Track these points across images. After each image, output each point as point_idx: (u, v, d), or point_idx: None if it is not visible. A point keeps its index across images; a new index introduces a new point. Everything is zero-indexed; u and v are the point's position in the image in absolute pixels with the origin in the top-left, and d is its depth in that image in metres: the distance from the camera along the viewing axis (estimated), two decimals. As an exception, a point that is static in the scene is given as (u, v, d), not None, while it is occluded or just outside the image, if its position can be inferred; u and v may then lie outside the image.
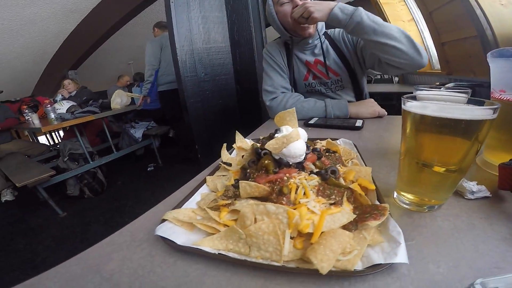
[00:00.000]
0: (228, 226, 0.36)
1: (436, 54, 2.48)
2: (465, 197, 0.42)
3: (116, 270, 0.34)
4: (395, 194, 0.43)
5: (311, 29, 1.05)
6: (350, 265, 0.27)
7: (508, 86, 0.48)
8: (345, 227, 0.32)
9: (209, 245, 0.34)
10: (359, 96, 1.22)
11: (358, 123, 0.89)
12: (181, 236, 0.36)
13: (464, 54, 2.06)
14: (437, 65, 2.54)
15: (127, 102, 3.20)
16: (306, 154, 0.44)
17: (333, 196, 0.36)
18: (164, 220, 0.39)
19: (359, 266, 0.28)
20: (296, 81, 1.22)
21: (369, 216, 0.32)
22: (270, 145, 0.41)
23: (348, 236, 0.30)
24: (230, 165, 0.56)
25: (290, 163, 0.42)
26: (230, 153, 0.65)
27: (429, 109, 0.34)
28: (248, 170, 0.44)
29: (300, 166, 0.42)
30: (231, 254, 0.32)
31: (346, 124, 0.89)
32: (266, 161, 0.42)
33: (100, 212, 2.56)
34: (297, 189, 0.36)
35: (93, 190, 2.88)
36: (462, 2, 1.71)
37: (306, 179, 0.39)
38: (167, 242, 0.35)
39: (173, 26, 1.66)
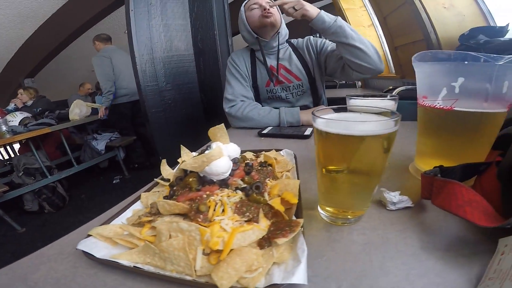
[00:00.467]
0: (149, 241, 0.36)
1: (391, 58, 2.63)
2: (387, 208, 0.42)
3: (41, 279, 0.35)
4: (318, 207, 0.45)
5: (273, 18, 1.11)
6: (252, 283, 0.28)
7: (430, 92, 0.48)
8: (259, 243, 0.34)
9: (126, 259, 0.34)
10: (317, 101, 1.32)
11: (308, 131, 0.92)
12: (102, 250, 0.37)
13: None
14: (393, 69, 2.70)
15: (87, 112, 3.03)
16: (233, 170, 0.46)
17: (247, 214, 0.37)
18: (88, 235, 0.40)
19: (261, 284, 0.29)
20: (258, 87, 1.27)
21: (280, 232, 0.33)
22: (187, 165, 0.42)
23: (255, 254, 0.31)
24: (168, 180, 0.56)
25: (214, 180, 0.43)
26: (174, 168, 0.65)
27: (332, 126, 0.36)
28: (174, 188, 0.45)
29: (224, 183, 0.43)
30: (147, 268, 0.33)
31: (296, 133, 0.92)
32: (190, 179, 0.43)
33: (63, 227, 2.40)
34: (216, 206, 0.38)
35: (54, 204, 2.71)
36: (410, 6, 1.81)
37: (228, 196, 0.40)
38: (87, 256, 0.36)
39: (133, 34, 1.63)
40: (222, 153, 0.43)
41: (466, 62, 0.43)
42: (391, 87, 1.55)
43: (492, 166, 0.41)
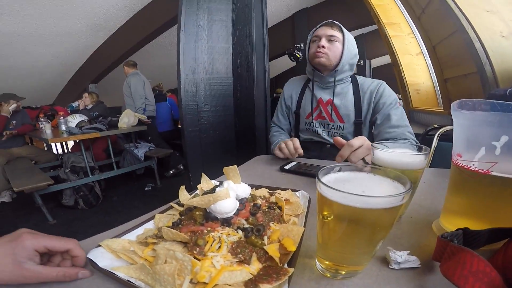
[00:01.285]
0: (148, 260, 0.40)
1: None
2: (389, 267, 0.41)
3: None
4: (316, 257, 0.43)
5: (324, 58, 1.13)
6: None
7: (466, 150, 0.43)
8: (245, 284, 0.35)
9: (124, 272, 0.39)
10: None
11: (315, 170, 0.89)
12: (106, 260, 0.42)
13: (465, 92, 1.97)
14: (441, 103, 2.54)
15: (134, 122, 3.35)
16: (239, 210, 0.48)
17: (240, 255, 0.39)
18: (99, 245, 0.45)
19: None
20: (300, 116, 1.31)
21: (266, 279, 0.34)
22: (194, 202, 0.46)
23: None
24: (183, 205, 0.59)
25: (218, 218, 0.46)
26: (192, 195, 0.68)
27: (333, 196, 0.33)
28: (182, 217, 0.48)
29: (226, 222, 0.46)
30: (138, 283, 0.37)
31: (314, 172, 0.89)
32: (197, 213, 0.46)
33: (90, 224, 2.61)
34: (213, 242, 0.40)
35: (88, 202, 2.94)
36: (462, 35, 1.66)
37: (228, 234, 0.43)
38: (91, 263, 0.42)
39: (180, 54, 1.76)
40: (229, 195, 0.46)
41: None
42: (436, 125, 1.45)
43: None
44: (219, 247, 0.40)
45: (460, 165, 0.43)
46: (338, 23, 1.14)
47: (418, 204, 0.62)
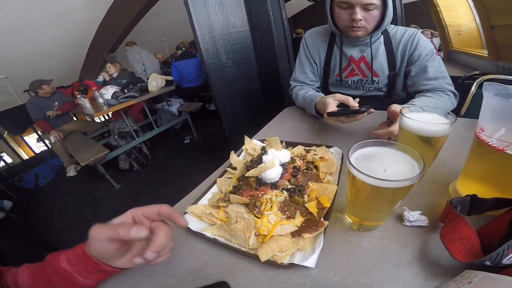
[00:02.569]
0: (223, 221, 0.57)
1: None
2: (403, 223, 0.50)
3: None
4: (345, 212, 0.54)
5: (362, 32, 1.02)
6: (280, 260, 0.45)
7: (488, 126, 0.47)
8: (292, 233, 0.50)
9: (209, 232, 0.56)
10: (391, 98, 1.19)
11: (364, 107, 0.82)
12: (195, 224, 0.58)
13: None
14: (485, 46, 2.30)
15: (162, 84, 3.54)
16: (282, 174, 0.61)
17: (287, 212, 0.53)
18: (185, 213, 0.62)
19: (286, 261, 0.46)
20: (329, 72, 1.23)
21: (307, 229, 0.49)
22: (250, 173, 0.60)
23: (287, 241, 0.48)
24: (235, 169, 0.75)
25: (267, 182, 0.60)
26: (238, 155, 0.83)
27: (360, 176, 0.42)
28: (240, 182, 0.64)
29: (274, 185, 0.60)
30: (221, 239, 0.54)
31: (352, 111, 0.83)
32: (251, 179, 0.61)
33: (147, 184, 3.04)
34: (266, 203, 0.56)
35: (140, 163, 3.37)
36: None
37: (276, 195, 0.57)
38: (186, 228, 0.57)
39: (192, 16, 1.76)
40: (274, 164, 0.59)
41: None
42: (477, 72, 1.33)
43: None
44: (271, 206, 0.55)
45: (481, 138, 0.48)
46: None
47: (442, 162, 0.68)
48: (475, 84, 1.23)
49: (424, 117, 0.60)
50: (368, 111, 0.79)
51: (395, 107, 0.76)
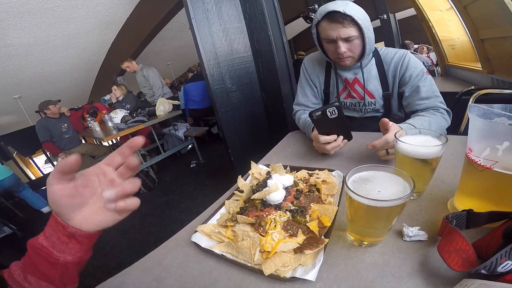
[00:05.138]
0: (230, 239, 0.61)
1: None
2: (403, 239, 0.53)
3: (169, 264, 0.61)
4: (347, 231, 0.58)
5: (349, 61, 1.11)
6: (282, 274, 0.49)
7: (476, 146, 0.50)
8: (294, 250, 0.54)
9: (218, 249, 0.60)
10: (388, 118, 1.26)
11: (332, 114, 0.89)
12: (204, 242, 0.63)
13: (505, 54, 1.86)
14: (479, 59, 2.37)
15: (169, 108, 3.70)
16: (286, 196, 0.66)
17: (290, 231, 0.58)
18: (196, 231, 0.67)
19: (288, 275, 0.50)
20: (329, 94, 1.29)
21: (309, 246, 0.53)
22: (255, 196, 0.65)
23: (289, 257, 0.52)
24: (242, 191, 0.80)
25: (272, 204, 0.65)
26: (245, 179, 0.88)
27: (356, 198, 0.46)
28: (246, 204, 0.69)
29: (278, 207, 0.65)
30: (228, 255, 0.58)
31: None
32: (256, 201, 0.66)
33: (153, 206, 3.07)
34: (271, 223, 0.60)
35: (147, 186, 3.43)
36: None
37: (280, 216, 0.62)
38: (196, 245, 0.63)
39: (198, 42, 1.87)
40: (278, 188, 0.64)
41: None
42: (472, 87, 1.39)
43: None
44: (275, 225, 0.59)
45: (470, 158, 0.52)
46: (348, 13, 0.96)
47: (441, 180, 0.71)
48: (471, 99, 1.28)
49: (418, 140, 0.65)
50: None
51: (385, 120, 0.82)
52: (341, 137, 0.93)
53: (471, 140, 0.52)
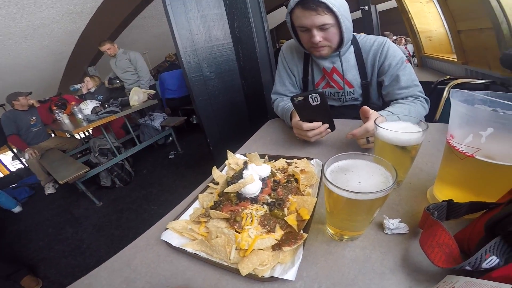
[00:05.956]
0: (204, 236, 0.57)
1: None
2: (384, 232, 0.51)
3: (138, 264, 0.57)
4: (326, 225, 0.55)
5: (325, 51, 1.06)
6: (261, 273, 0.46)
7: (458, 133, 0.49)
8: (272, 247, 0.51)
9: (190, 247, 0.55)
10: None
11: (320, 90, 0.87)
12: (175, 240, 0.58)
13: (480, 46, 1.93)
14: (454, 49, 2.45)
15: (144, 98, 3.50)
16: (263, 188, 0.62)
17: (267, 226, 0.54)
18: (166, 228, 0.62)
19: (267, 274, 0.46)
20: (308, 82, 1.26)
21: (287, 242, 0.50)
22: (229, 189, 0.61)
23: (267, 255, 0.48)
24: (217, 184, 0.75)
25: (248, 197, 0.61)
26: (221, 170, 0.84)
27: (335, 190, 0.43)
28: (221, 198, 0.64)
29: (254, 200, 0.61)
30: (202, 254, 0.54)
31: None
32: (231, 195, 0.62)
33: (131, 200, 2.97)
34: (247, 218, 0.56)
35: (123, 180, 3.30)
36: None
37: (256, 210, 0.58)
38: (167, 244, 0.58)
39: (174, 29, 1.77)
40: (254, 179, 0.60)
41: (501, 113, 0.43)
42: (448, 77, 1.41)
43: (501, 207, 0.42)
44: (251, 221, 0.56)
45: (452, 145, 0.50)
46: (323, 0, 0.90)
47: (419, 168, 0.70)
48: (446, 89, 1.31)
49: (398, 126, 0.63)
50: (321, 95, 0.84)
51: (366, 108, 0.80)
52: (326, 124, 0.90)
53: (453, 126, 0.51)
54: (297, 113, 0.92)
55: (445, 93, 1.30)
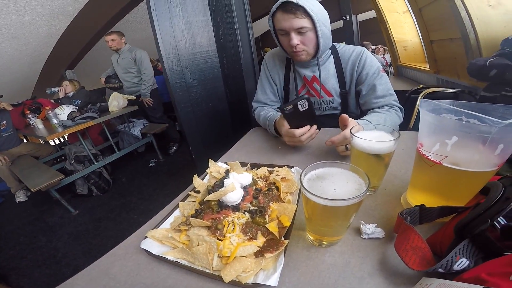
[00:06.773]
0: (185, 244, 0.57)
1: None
2: (361, 237, 0.54)
3: (118, 273, 0.56)
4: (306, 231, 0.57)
5: (304, 55, 1.10)
6: (244, 280, 0.47)
7: (426, 141, 0.52)
8: (255, 253, 0.51)
9: (171, 255, 0.55)
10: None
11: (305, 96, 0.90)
12: (156, 248, 0.58)
13: (450, 55, 2.06)
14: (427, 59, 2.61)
15: (123, 104, 3.39)
16: (244, 196, 0.63)
17: (249, 234, 0.55)
18: (146, 237, 0.61)
19: (250, 281, 0.47)
20: (289, 91, 1.31)
21: (269, 249, 0.51)
22: (210, 197, 0.61)
23: (250, 261, 0.49)
24: (199, 192, 0.75)
25: (229, 205, 0.61)
26: (203, 178, 0.84)
27: (311, 197, 0.45)
28: (202, 206, 0.64)
29: (236, 208, 0.61)
30: (183, 262, 0.54)
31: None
32: (212, 203, 0.62)
33: (109, 209, 2.86)
34: (228, 226, 0.56)
35: (100, 188, 3.17)
36: (448, 2, 1.70)
37: (238, 217, 0.59)
38: (147, 252, 0.57)
39: (157, 34, 1.75)
40: (235, 188, 0.61)
41: (464, 122, 0.47)
42: (421, 86, 1.51)
43: (469, 210, 0.45)
44: (233, 228, 0.56)
45: (421, 153, 0.53)
46: (301, 4, 0.96)
47: (394, 175, 0.74)
48: (419, 97, 1.39)
49: (372, 135, 0.67)
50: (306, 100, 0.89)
51: (344, 116, 0.84)
52: (314, 126, 0.95)
53: (422, 134, 0.54)
54: (287, 121, 0.95)
55: (418, 102, 1.37)
